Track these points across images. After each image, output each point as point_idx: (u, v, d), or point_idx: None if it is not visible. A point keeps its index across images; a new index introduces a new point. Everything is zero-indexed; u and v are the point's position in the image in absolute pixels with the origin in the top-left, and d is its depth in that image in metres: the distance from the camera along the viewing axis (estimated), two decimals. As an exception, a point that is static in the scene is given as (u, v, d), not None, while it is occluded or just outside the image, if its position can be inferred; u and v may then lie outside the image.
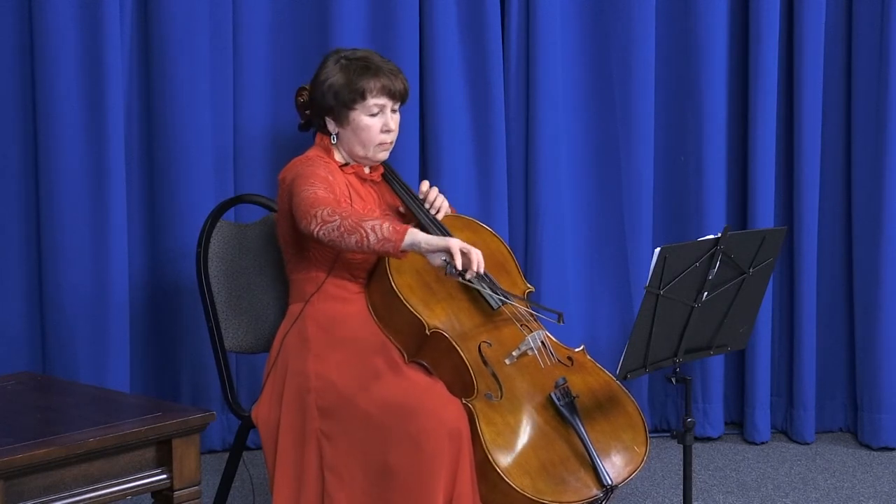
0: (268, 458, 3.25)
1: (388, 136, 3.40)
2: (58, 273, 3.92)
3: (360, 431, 3.11)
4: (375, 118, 3.37)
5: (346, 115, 3.37)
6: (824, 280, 4.54)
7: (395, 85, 3.38)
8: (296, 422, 3.21)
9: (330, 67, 3.40)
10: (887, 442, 4.46)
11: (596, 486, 3.08)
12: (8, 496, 2.47)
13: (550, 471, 3.07)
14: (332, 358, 3.22)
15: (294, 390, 3.23)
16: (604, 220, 4.45)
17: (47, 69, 3.86)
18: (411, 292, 3.23)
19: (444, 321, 3.22)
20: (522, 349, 3.23)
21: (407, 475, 3.03)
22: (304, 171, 3.28)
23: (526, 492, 3.00)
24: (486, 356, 3.19)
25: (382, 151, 3.41)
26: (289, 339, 3.32)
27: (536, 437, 3.12)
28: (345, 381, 3.16)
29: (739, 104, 4.50)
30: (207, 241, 3.52)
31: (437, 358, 3.20)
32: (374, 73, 3.36)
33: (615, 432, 3.21)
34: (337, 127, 3.40)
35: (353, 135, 3.38)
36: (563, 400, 3.16)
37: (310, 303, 3.33)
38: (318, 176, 3.25)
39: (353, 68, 3.36)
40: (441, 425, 3.02)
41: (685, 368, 3.27)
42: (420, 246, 3.07)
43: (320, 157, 3.38)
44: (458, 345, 3.16)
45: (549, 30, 4.28)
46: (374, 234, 3.06)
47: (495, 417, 3.09)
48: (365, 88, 3.34)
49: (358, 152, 3.40)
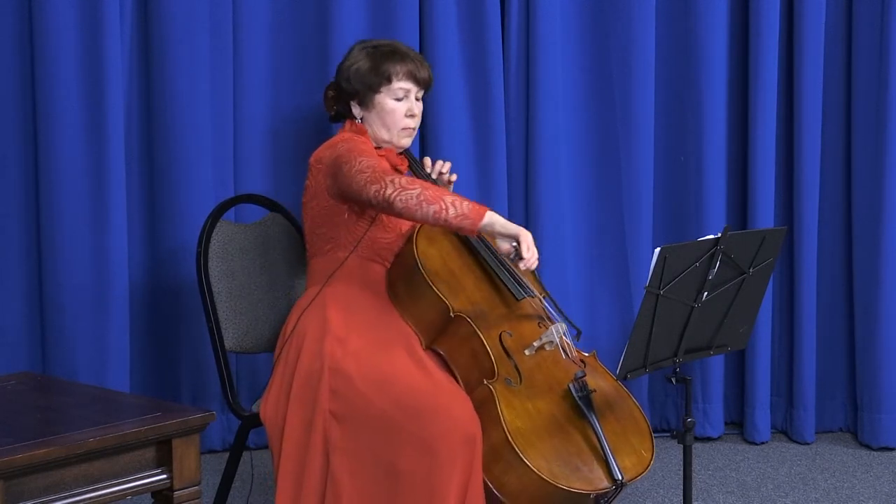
0: (274, 453, 3.23)
1: (412, 122, 3.44)
2: (58, 273, 3.92)
3: (371, 422, 3.08)
4: (400, 102, 3.42)
5: (371, 98, 3.41)
6: (824, 280, 4.55)
7: (421, 72, 3.44)
8: (304, 409, 3.16)
9: (356, 53, 3.46)
10: (887, 442, 4.47)
11: (607, 480, 3.09)
12: (8, 496, 2.47)
13: (566, 458, 3.08)
14: (351, 344, 3.20)
15: (306, 371, 3.20)
16: (604, 220, 4.46)
17: (47, 69, 3.86)
18: (437, 276, 3.26)
19: (467, 307, 3.24)
20: (543, 341, 3.26)
21: (418, 477, 3.01)
22: (351, 147, 3.30)
23: (542, 473, 3.01)
24: (506, 345, 3.21)
25: (406, 137, 3.45)
26: (306, 320, 3.29)
27: (553, 426, 3.13)
28: (362, 373, 3.14)
29: (739, 104, 4.50)
30: (207, 240, 3.52)
31: (456, 344, 3.21)
32: (401, 58, 3.43)
33: (625, 434, 3.22)
34: (362, 111, 3.44)
35: (377, 118, 3.42)
36: (581, 392, 3.17)
37: (330, 284, 3.32)
38: (368, 150, 3.31)
39: (380, 53, 3.43)
40: (455, 430, 3.01)
41: (685, 368, 3.27)
42: (495, 228, 3.12)
43: (357, 137, 3.42)
44: (481, 331, 3.18)
45: (549, 30, 4.28)
46: (455, 208, 3.09)
47: (515, 401, 3.11)
48: (391, 72, 3.40)
49: (383, 136, 3.43)
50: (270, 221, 3.72)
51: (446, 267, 3.31)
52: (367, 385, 3.12)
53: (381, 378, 3.12)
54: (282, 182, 4.12)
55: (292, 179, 4.01)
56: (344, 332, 3.22)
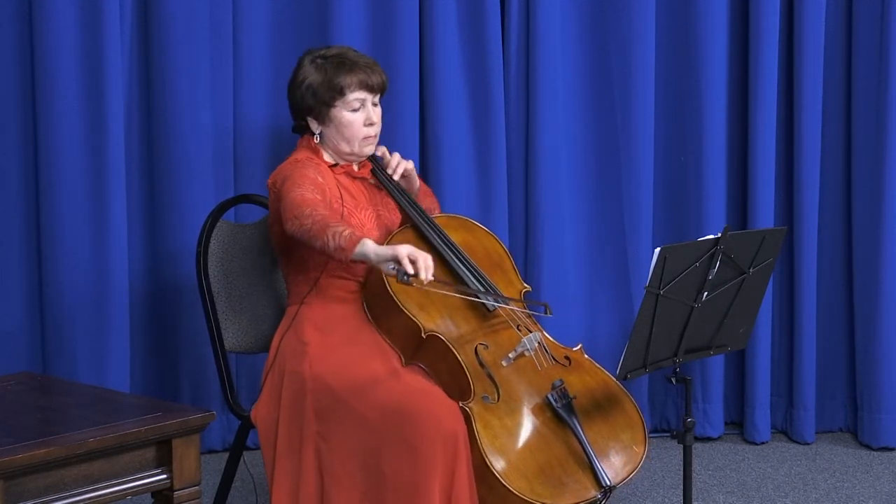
0: (266, 458, 3.25)
1: (372, 130, 3.40)
2: (58, 273, 3.92)
3: (357, 435, 3.10)
4: (357, 113, 3.37)
5: (327, 112, 3.36)
6: (824, 280, 4.54)
7: (373, 78, 3.38)
8: (294, 423, 3.20)
9: (306, 67, 3.39)
10: (887, 442, 4.46)
11: (594, 488, 3.08)
12: (8, 496, 2.47)
13: (548, 473, 3.06)
14: (330, 362, 3.21)
15: (291, 392, 3.23)
16: (604, 220, 4.45)
17: (47, 69, 3.86)
18: (407, 296, 3.22)
19: (439, 324, 3.21)
20: (519, 351, 3.23)
21: (401, 480, 3.02)
22: (293, 174, 3.28)
23: (524, 495, 2.99)
24: (482, 358, 3.19)
25: (368, 146, 3.41)
26: (286, 341, 3.31)
27: (534, 439, 3.11)
28: (342, 385, 3.15)
29: (739, 104, 4.50)
30: (207, 241, 3.52)
31: (433, 361, 3.19)
32: (350, 68, 3.36)
33: (613, 432, 3.21)
34: (319, 126, 3.40)
35: (336, 132, 3.38)
36: (561, 402, 3.15)
37: (306, 304, 3.32)
38: (307, 178, 3.26)
39: (329, 66, 3.36)
40: (437, 430, 3.01)
41: (685, 368, 3.27)
42: (369, 257, 3.07)
43: (310, 158, 3.37)
44: (455, 347, 3.16)
45: (549, 30, 4.28)
46: (334, 241, 3.08)
47: (492, 420, 3.09)
48: (343, 84, 3.34)
49: (343, 149, 3.40)
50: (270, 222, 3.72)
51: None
52: (348, 394, 3.13)
53: (359, 386, 3.13)
54: (282, 182, 4.12)
55: (292, 179, 4.01)
56: (322, 351, 3.23)
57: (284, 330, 3.34)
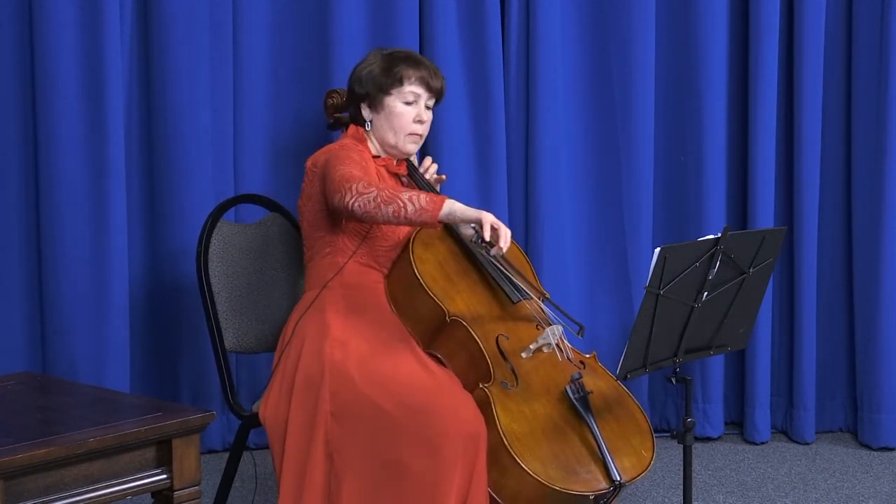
0: (275, 453, 3.22)
1: (420, 128, 3.44)
2: (58, 273, 3.92)
3: (374, 422, 3.08)
4: (410, 106, 3.42)
5: (381, 100, 3.42)
6: (824, 280, 4.55)
7: (434, 81, 3.45)
8: (305, 411, 3.17)
9: (371, 57, 3.48)
10: (887, 442, 4.47)
11: (605, 481, 3.09)
12: (8, 496, 2.47)
13: (562, 460, 3.08)
14: (351, 347, 3.20)
15: (306, 374, 3.19)
16: (604, 219, 4.46)
17: (47, 69, 3.86)
18: (434, 281, 3.26)
19: (463, 311, 3.24)
20: (540, 343, 3.26)
21: (421, 476, 3.02)
22: (338, 154, 3.32)
23: (538, 476, 3.01)
24: (503, 348, 3.22)
25: (412, 143, 3.46)
26: (305, 323, 3.29)
27: (550, 427, 3.13)
28: (363, 375, 3.14)
29: (739, 104, 4.50)
30: (208, 240, 3.52)
31: (453, 348, 3.21)
32: (416, 63, 3.44)
33: (624, 435, 3.22)
34: (371, 113, 3.45)
35: (386, 121, 3.42)
36: (578, 394, 3.17)
37: (329, 288, 3.32)
38: (352, 158, 3.30)
39: (395, 57, 3.45)
40: (459, 429, 3.01)
41: (685, 368, 3.27)
42: (455, 215, 3.11)
43: (355, 145, 3.41)
44: (477, 334, 3.19)
45: (549, 30, 4.28)
46: (412, 204, 3.09)
47: (511, 404, 3.11)
48: (403, 75, 3.41)
49: (389, 140, 3.43)
50: (270, 222, 3.72)
51: (443, 271, 3.31)
52: (370, 386, 3.12)
53: (383, 379, 3.12)
54: (282, 182, 4.12)
55: (292, 180, 4.01)
56: (344, 335, 3.22)
57: (302, 312, 3.33)
